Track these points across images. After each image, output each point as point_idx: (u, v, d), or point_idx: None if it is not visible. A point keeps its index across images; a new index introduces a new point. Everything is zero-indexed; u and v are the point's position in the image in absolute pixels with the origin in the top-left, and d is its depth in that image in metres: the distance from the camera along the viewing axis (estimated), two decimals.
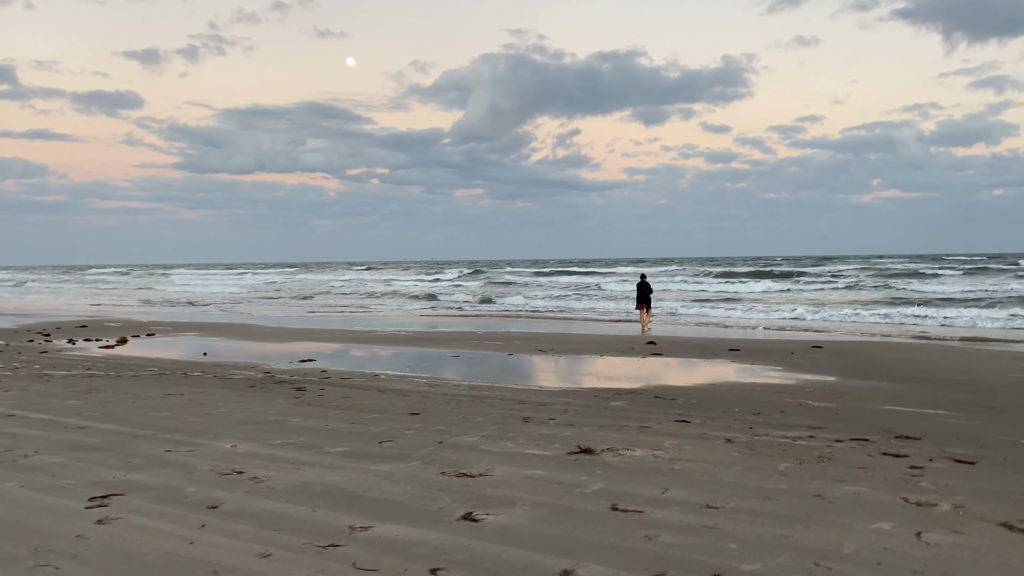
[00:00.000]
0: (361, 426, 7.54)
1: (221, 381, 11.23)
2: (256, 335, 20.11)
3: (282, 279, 73.21)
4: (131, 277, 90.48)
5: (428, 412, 8.36)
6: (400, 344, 17.15)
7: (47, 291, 60.51)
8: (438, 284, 57.39)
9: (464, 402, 9.10)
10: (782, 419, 7.93)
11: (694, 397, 9.50)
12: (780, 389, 10.18)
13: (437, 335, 19.61)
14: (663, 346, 16.09)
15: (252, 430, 7.35)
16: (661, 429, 7.31)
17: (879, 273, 49.38)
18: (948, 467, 5.77)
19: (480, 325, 24.28)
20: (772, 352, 14.82)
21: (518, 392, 9.99)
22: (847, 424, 7.64)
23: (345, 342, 17.82)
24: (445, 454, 6.20)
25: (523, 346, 16.30)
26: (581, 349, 15.60)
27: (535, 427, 7.43)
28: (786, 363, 13.14)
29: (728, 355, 14.43)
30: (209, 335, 20.29)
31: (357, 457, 6.14)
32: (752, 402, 9.07)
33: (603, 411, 8.44)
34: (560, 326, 23.66)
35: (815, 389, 10.13)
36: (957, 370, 12.00)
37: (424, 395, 9.71)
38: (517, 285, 51.77)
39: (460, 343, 17.15)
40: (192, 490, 5.18)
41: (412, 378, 11.49)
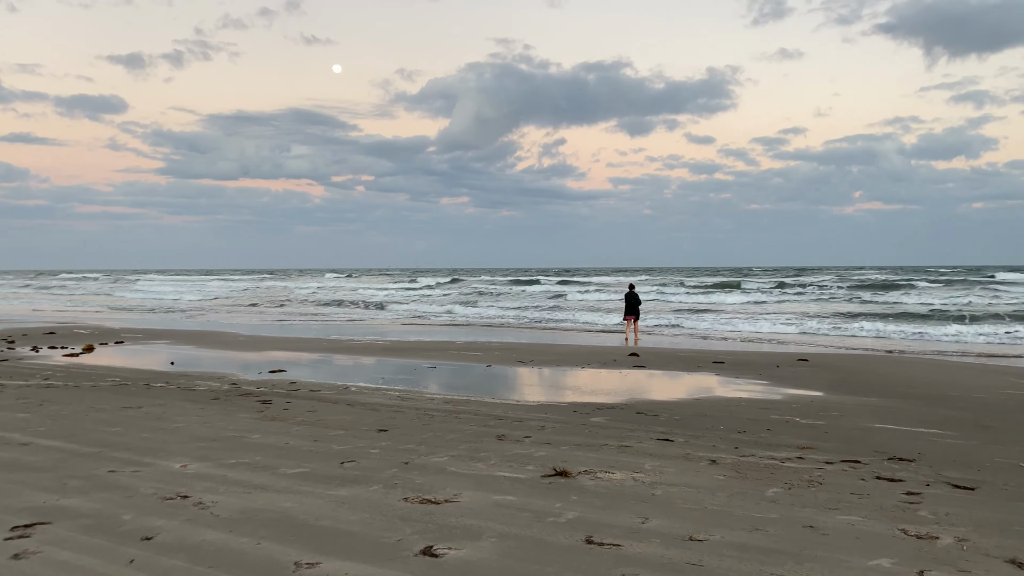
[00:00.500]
0: (324, 444, 7.10)
1: (184, 393, 10.74)
2: (229, 343, 19.57)
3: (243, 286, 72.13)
4: (98, 283, 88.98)
5: (397, 429, 7.94)
6: (376, 354, 16.70)
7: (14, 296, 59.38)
8: (405, 292, 56.80)
9: (436, 417, 8.68)
10: (769, 438, 7.58)
11: (677, 413, 9.13)
12: (766, 405, 9.84)
13: (415, 345, 19.17)
14: (646, 358, 15.74)
15: (207, 448, 6.89)
16: (642, 448, 6.93)
17: (860, 285, 49.45)
18: (946, 493, 5.42)
19: (459, 335, 23.85)
20: (757, 365, 14.51)
21: (494, 407, 9.59)
22: (837, 444, 7.29)
23: (320, 352, 17.34)
24: (410, 477, 5.78)
25: (503, 357, 15.89)
26: (562, 360, 15.22)
27: (509, 446, 7.03)
28: (771, 377, 12.82)
29: (712, 368, 14.10)
30: (180, 343, 19.74)
31: (315, 480, 5.71)
32: (737, 419, 8.72)
33: (582, 428, 8.05)
34: (542, 336, 23.30)
35: (802, 405, 9.80)
36: (946, 385, 11.73)
37: (395, 410, 9.28)
38: (493, 295, 51.35)
39: (438, 353, 16.72)
40: (128, 518, 4.73)
41: (384, 391, 11.05)
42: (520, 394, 10.86)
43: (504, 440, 7.31)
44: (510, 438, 7.41)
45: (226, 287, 70.89)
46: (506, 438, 7.41)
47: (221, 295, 59.62)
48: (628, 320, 21.52)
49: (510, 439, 7.36)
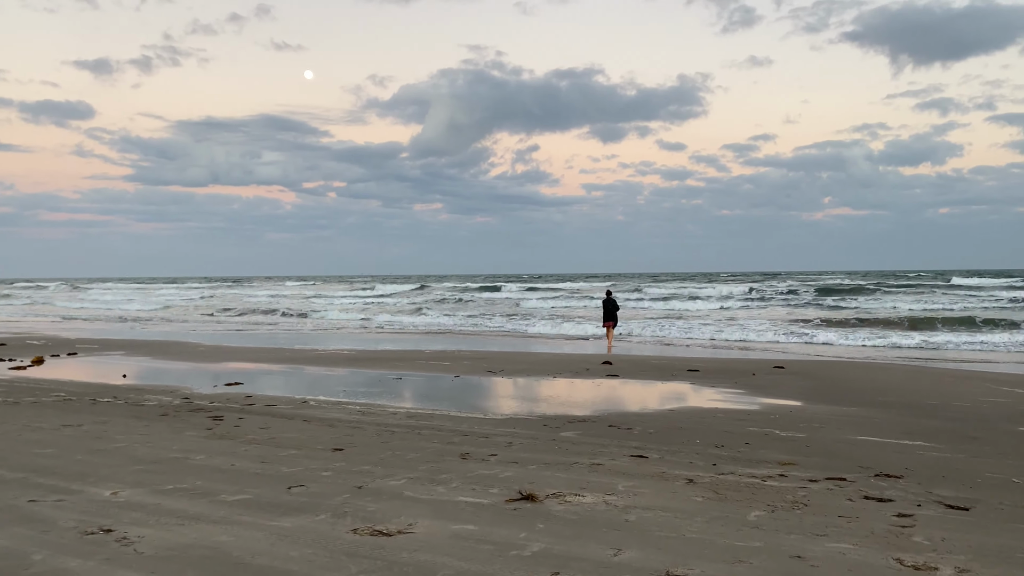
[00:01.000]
0: (273, 465, 6.60)
1: (131, 408, 10.15)
2: (186, 354, 18.88)
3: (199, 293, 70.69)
4: (47, 292, 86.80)
5: (354, 447, 7.45)
6: (340, 365, 16.15)
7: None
8: (355, 299, 56.05)
9: (397, 434, 8.21)
10: (748, 453, 7.21)
11: (652, 426, 8.75)
12: (744, 416, 9.50)
13: (381, 355, 18.64)
14: (619, 366, 15.37)
15: (144, 472, 6.36)
16: (615, 467, 6.52)
17: (832, 289, 49.70)
18: (940, 515, 5.08)
19: (428, 343, 23.34)
20: (733, 373, 14.21)
21: (460, 421, 9.13)
22: (820, 459, 6.94)
23: (281, 363, 16.74)
24: (362, 503, 5.31)
25: (472, 367, 15.43)
26: (533, 370, 14.79)
27: (473, 465, 6.58)
28: (748, 385, 12.51)
29: (687, 376, 13.77)
30: (137, 354, 19.01)
31: (257, 508, 5.22)
32: (715, 432, 8.35)
33: (551, 444, 7.63)
34: (513, 344, 22.87)
35: (781, 416, 9.47)
36: (925, 393, 11.49)
37: (354, 426, 8.78)
38: (453, 302, 50.85)
39: (405, 363, 16.22)
40: (38, 558, 4.21)
41: (345, 405, 10.54)
42: (488, 407, 10.41)
43: (468, 459, 6.86)
44: (475, 456, 6.96)
45: (180, 295, 69.33)
46: (470, 456, 6.96)
47: (174, 303, 58.27)
48: (607, 327, 21.26)
49: (475, 457, 6.91)
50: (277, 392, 11.97)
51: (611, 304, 21.48)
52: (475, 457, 6.93)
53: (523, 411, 9.96)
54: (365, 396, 11.43)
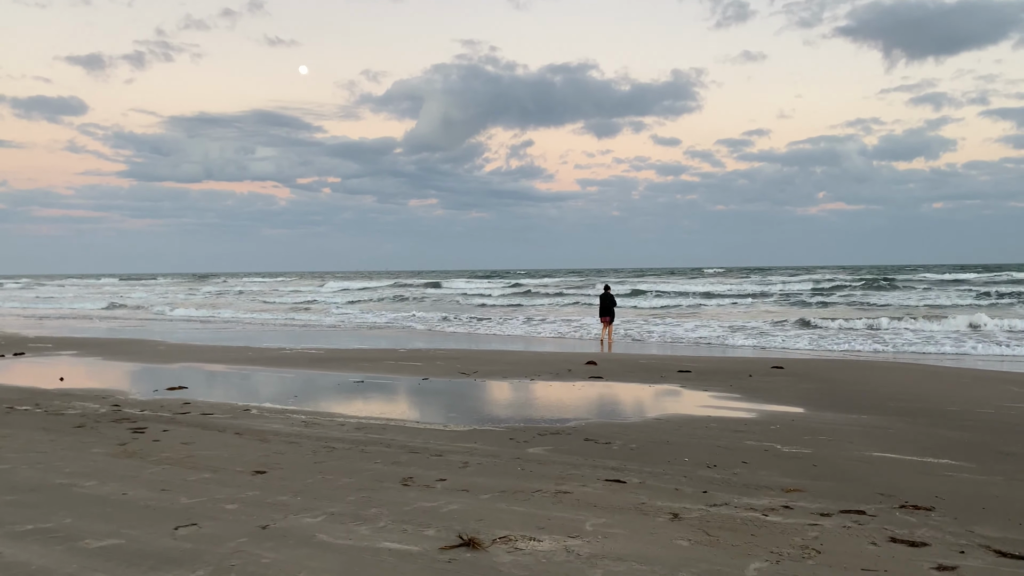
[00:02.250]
0: (172, 495, 5.51)
1: (46, 419, 9.04)
2: (144, 354, 17.73)
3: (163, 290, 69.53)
4: (4, 290, 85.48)
5: (280, 469, 6.37)
6: (302, 366, 15.04)
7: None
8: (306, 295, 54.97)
9: (337, 451, 7.13)
10: (746, 475, 6.16)
11: (634, 439, 7.69)
12: (740, 426, 8.45)
13: (349, 355, 17.53)
14: (604, 367, 14.32)
15: (10, 504, 5.26)
16: (585, 496, 5.46)
17: (833, 286, 48.82)
18: (992, 567, 4.03)
19: (400, 342, 22.25)
20: (727, 374, 13.17)
21: (415, 433, 8.06)
22: (831, 483, 5.90)
23: (242, 363, 15.62)
24: (257, 553, 4.23)
25: (445, 368, 14.35)
26: (510, 371, 13.72)
27: (414, 495, 5.51)
28: (744, 389, 11.48)
29: (677, 378, 12.72)
30: (91, 353, 17.85)
31: (120, 559, 4.14)
32: (706, 447, 7.30)
33: (514, 464, 6.56)
34: (494, 343, 21.78)
35: (783, 426, 8.42)
36: (942, 398, 10.47)
37: (291, 440, 7.70)
38: (416, 300, 49.75)
39: (373, 364, 15.13)
40: None
41: (291, 413, 9.45)
42: (451, 415, 9.33)
43: (410, 485, 5.78)
44: (419, 482, 5.89)
45: (151, 290, 68.06)
46: (414, 482, 5.88)
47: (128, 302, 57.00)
48: (604, 322, 21.12)
49: (419, 483, 5.84)
50: (221, 397, 10.87)
51: (608, 299, 21.31)
52: (419, 483, 5.86)
53: (490, 420, 8.89)
54: (317, 402, 10.34)
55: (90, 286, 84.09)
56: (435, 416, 9.24)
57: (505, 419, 8.97)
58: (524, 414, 9.33)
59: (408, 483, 5.85)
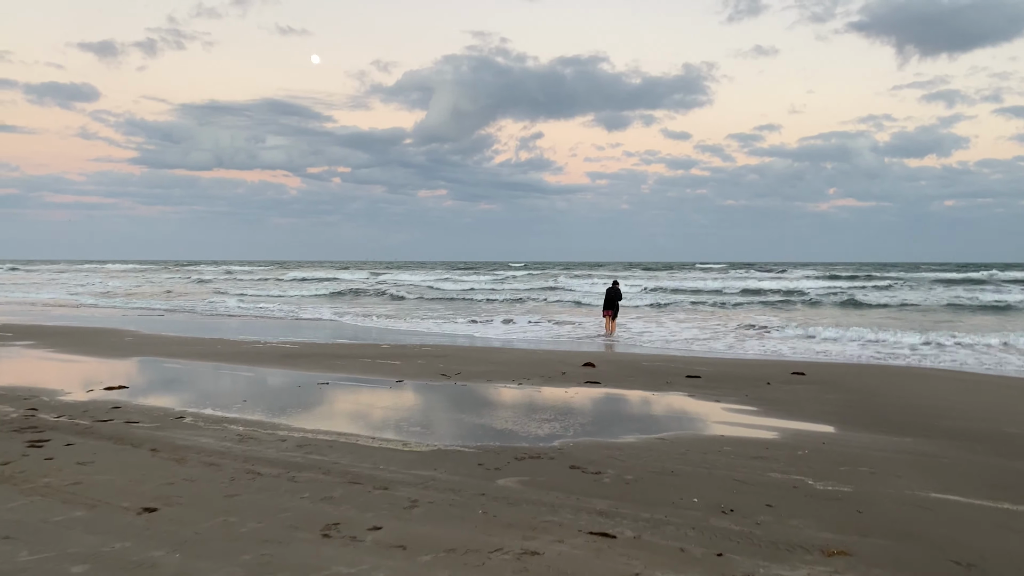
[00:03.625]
0: (14, 545, 4.24)
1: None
2: (103, 346, 16.48)
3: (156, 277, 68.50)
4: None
5: (178, 505, 5.09)
6: (269, 363, 13.76)
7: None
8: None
9: (261, 479, 5.84)
10: (772, 525, 4.85)
11: (631, 467, 6.38)
12: (761, 450, 7.13)
13: (326, 351, 16.25)
14: (604, 369, 13.00)
15: None
16: (559, 560, 4.16)
17: (852, 286, 47.35)
18: None
19: (392, 336, 20.95)
20: (741, 380, 11.84)
21: (365, 454, 6.76)
22: (886, 541, 4.58)
23: (206, 358, 14.36)
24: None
25: (425, 368, 13.05)
26: (497, 373, 12.42)
27: (331, 553, 4.21)
28: (762, 399, 10.15)
29: (685, 385, 11.40)
30: (45, 345, 16.61)
31: None
32: (720, 481, 5.99)
33: (477, 502, 5.26)
34: (485, 339, 20.45)
35: (813, 451, 7.09)
36: (999, 417, 9.11)
37: (211, 462, 6.41)
38: (363, 295, 48.41)
39: (348, 363, 13.84)
40: None
41: (228, 424, 8.17)
42: (415, 430, 8.04)
43: (332, 537, 4.49)
44: (346, 530, 4.60)
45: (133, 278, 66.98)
46: (338, 531, 4.59)
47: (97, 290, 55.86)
48: (607, 315, 21.16)
49: (344, 534, 4.54)
50: (160, 400, 9.60)
51: (613, 292, 21.45)
52: (345, 532, 4.56)
53: (460, 437, 7.58)
54: (266, 409, 9.06)
55: (96, 272, 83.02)
56: (396, 430, 7.94)
57: (478, 436, 7.66)
58: (502, 429, 8.02)
59: (330, 533, 4.55)
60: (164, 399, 9.76)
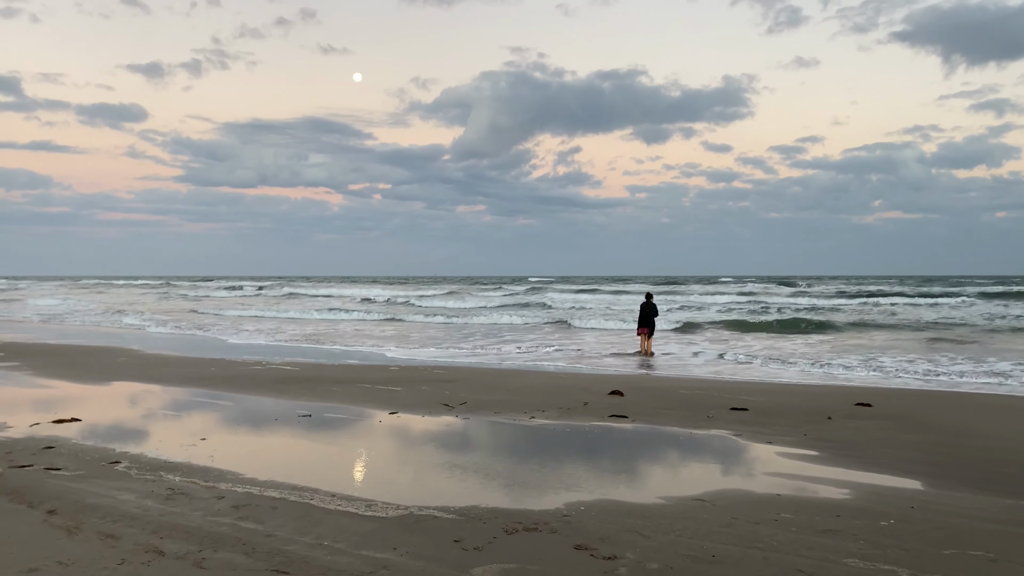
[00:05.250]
0: None
1: None
2: (84, 369, 15.36)
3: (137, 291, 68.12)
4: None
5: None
6: (255, 389, 12.43)
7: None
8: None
9: (159, 562, 4.43)
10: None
11: (657, 549, 4.84)
12: (830, 519, 5.52)
13: (322, 373, 14.90)
14: (633, 399, 11.43)
15: None
16: None
17: (918, 296, 44.98)
18: None
19: (398, 359, 19.56)
20: (797, 414, 10.19)
21: (314, 519, 5.31)
22: None
23: (191, 383, 13.11)
24: None
25: (427, 396, 11.61)
26: (508, 404, 10.92)
27: None
28: (824, 440, 8.51)
29: (730, 420, 9.79)
30: (27, 367, 15.55)
31: None
32: (779, 573, 4.42)
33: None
34: (506, 361, 18.93)
35: (901, 521, 5.46)
36: None
37: (109, 532, 5.02)
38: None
39: (344, 388, 12.46)
40: None
41: (166, 471, 6.79)
42: (388, 483, 6.57)
43: None
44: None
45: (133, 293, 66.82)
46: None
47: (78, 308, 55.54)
48: (642, 333, 19.95)
49: None
50: (106, 438, 8.30)
51: (649, 308, 20.14)
52: None
53: (440, 495, 6.10)
54: (221, 451, 7.68)
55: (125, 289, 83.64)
56: (366, 483, 6.48)
57: (465, 493, 6.17)
58: (497, 483, 6.52)
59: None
60: (111, 436, 8.46)
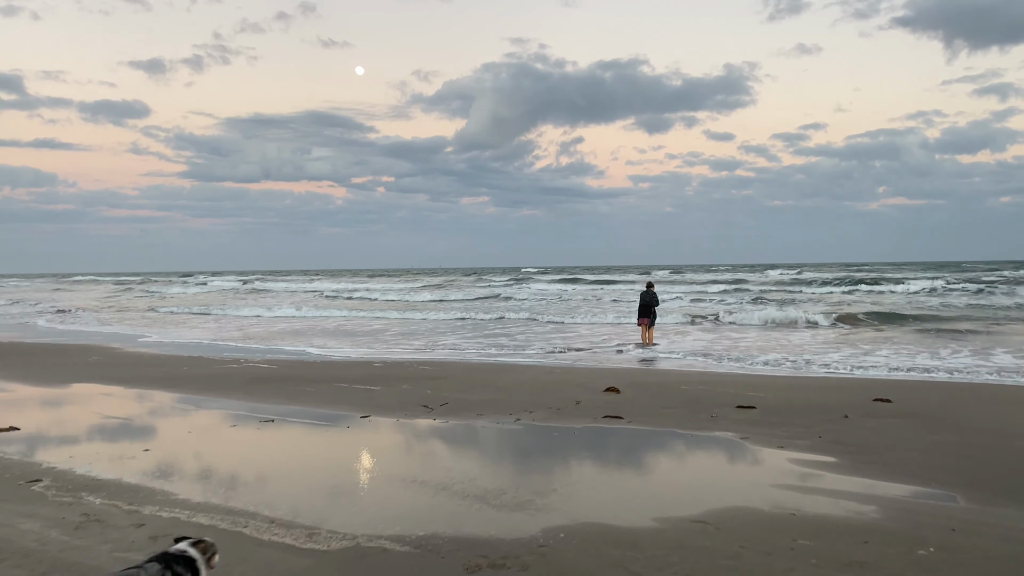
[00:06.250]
0: None
1: None
2: (46, 370, 14.56)
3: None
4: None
5: None
6: (224, 390, 11.61)
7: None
8: None
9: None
10: None
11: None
12: (857, 547, 4.67)
13: (299, 372, 14.07)
14: (630, 396, 10.58)
15: None
16: None
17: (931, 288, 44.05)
18: None
19: (384, 354, 18.71)
20: (810, 411, 9.35)
21: (242, 554, 4.47)
22: None
23: (158, 384, 12.30)
24: None
25: (407, 396, 10.77)
26: (493, 404, 10.08)
27: None
28: (842, 443, 7.67)
29: (737, 419, 8.95)
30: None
31: None
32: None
33: None
34: (497, 356, 18.06)
35: (942, 548, 4.61)
36: None
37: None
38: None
39: (318, 388, 11.63)
40: None
41: (91, 492, 5.96)
42: (338, 505, 5.72)
43: None
44: None
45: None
46: None
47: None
48: (642, 324, 19.39)
49: None
50: (40, 450, 7.49)
51: (649, 297, 19.52)
52: None
53: (396, 521, 5.25)
54: (159, 466, 6.85)
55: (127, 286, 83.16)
56: (310, 505, 5.63)
57: (425, 518, 5.32)
58: (465, 504, 5.67)
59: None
60: (45, 448, 7.64)
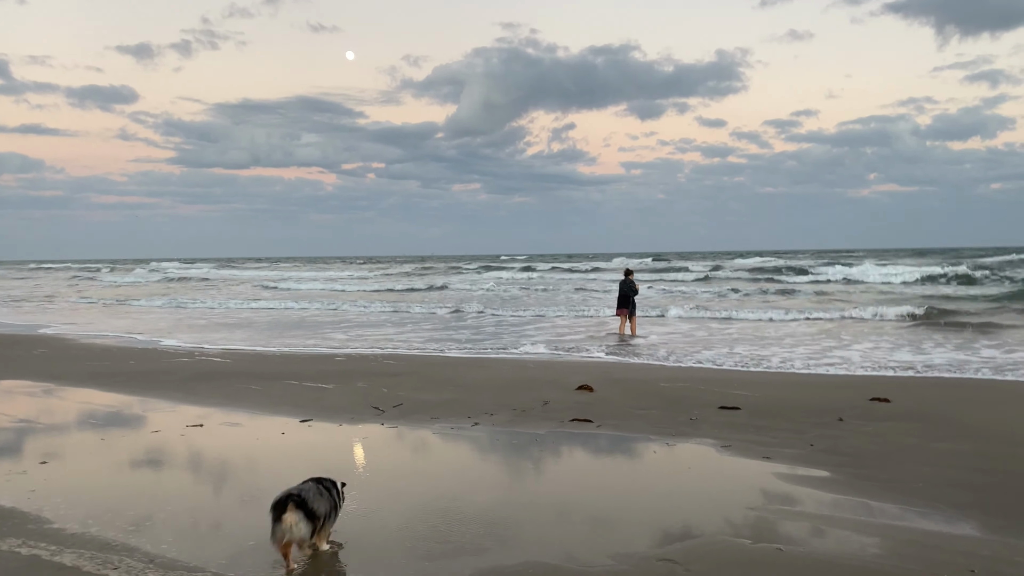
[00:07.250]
0: None
1: None
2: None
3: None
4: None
5: None
6: (159, 388, 10.68)
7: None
8: None
9: None
10: None
11: None
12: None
13: (250, 368, 13.15)
14: (604, 394, 9.73)
15: None
16: None
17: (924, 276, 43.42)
18: None
19: (352, 344, 17.79)
20: (799, 413, 8.52)
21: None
22: None
23: (85, 382, 11.38)
24: None
25: (360, 395, 9.88)
26: (451, 404, 9.21)
27: None
28: (836, 452, 6.83)
29: (716, 423, 8.10)
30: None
31: None
32: None
33: None
34: (470, 349, 17.17)
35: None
36: None
37: None
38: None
39: (265, 385, 10.72)
40: None
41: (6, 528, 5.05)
42: (240, 539, 4.82)
43: None
44: None
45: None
46: None
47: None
48: (621, 314, 18.58)
49: None
50: None
51: (627, 286, 18.58)
52: None
53: (303, 569, 4.37)
54: (50, 484, 5.95)
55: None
56: (203, 539, 4.73)
57: (329, 562, 4.43)
58: (380, 544, 4.79)
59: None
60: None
